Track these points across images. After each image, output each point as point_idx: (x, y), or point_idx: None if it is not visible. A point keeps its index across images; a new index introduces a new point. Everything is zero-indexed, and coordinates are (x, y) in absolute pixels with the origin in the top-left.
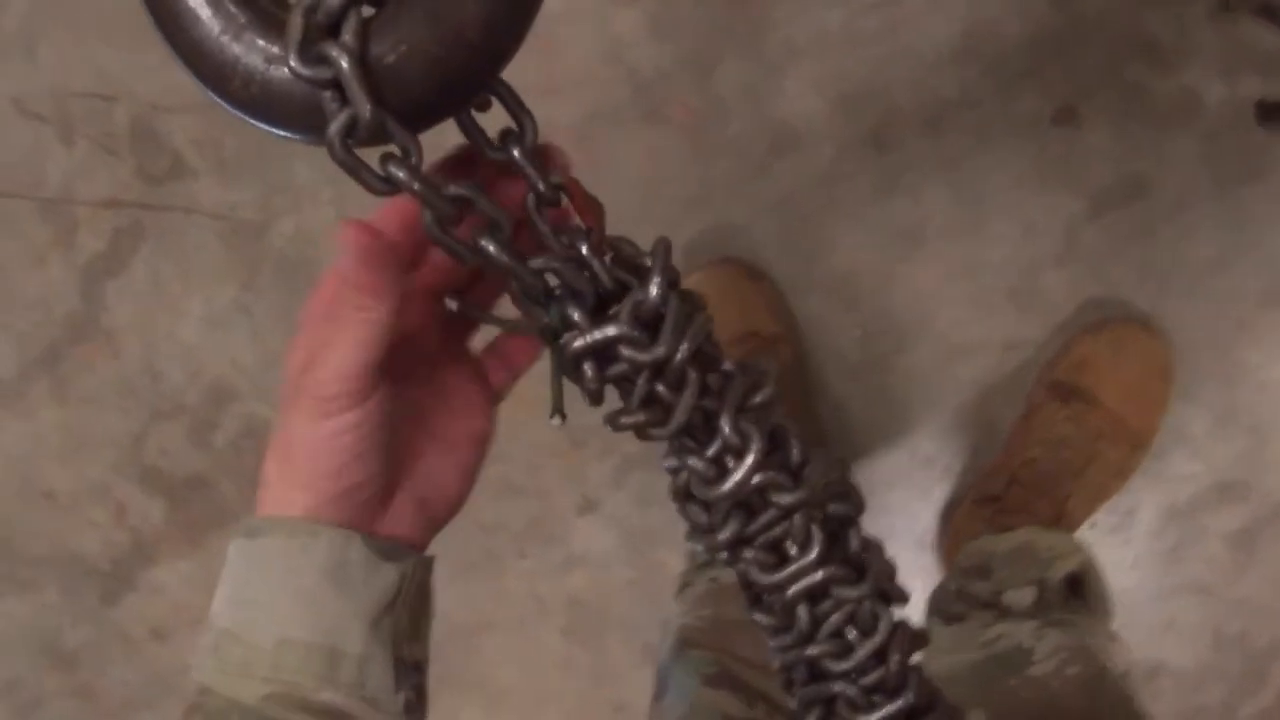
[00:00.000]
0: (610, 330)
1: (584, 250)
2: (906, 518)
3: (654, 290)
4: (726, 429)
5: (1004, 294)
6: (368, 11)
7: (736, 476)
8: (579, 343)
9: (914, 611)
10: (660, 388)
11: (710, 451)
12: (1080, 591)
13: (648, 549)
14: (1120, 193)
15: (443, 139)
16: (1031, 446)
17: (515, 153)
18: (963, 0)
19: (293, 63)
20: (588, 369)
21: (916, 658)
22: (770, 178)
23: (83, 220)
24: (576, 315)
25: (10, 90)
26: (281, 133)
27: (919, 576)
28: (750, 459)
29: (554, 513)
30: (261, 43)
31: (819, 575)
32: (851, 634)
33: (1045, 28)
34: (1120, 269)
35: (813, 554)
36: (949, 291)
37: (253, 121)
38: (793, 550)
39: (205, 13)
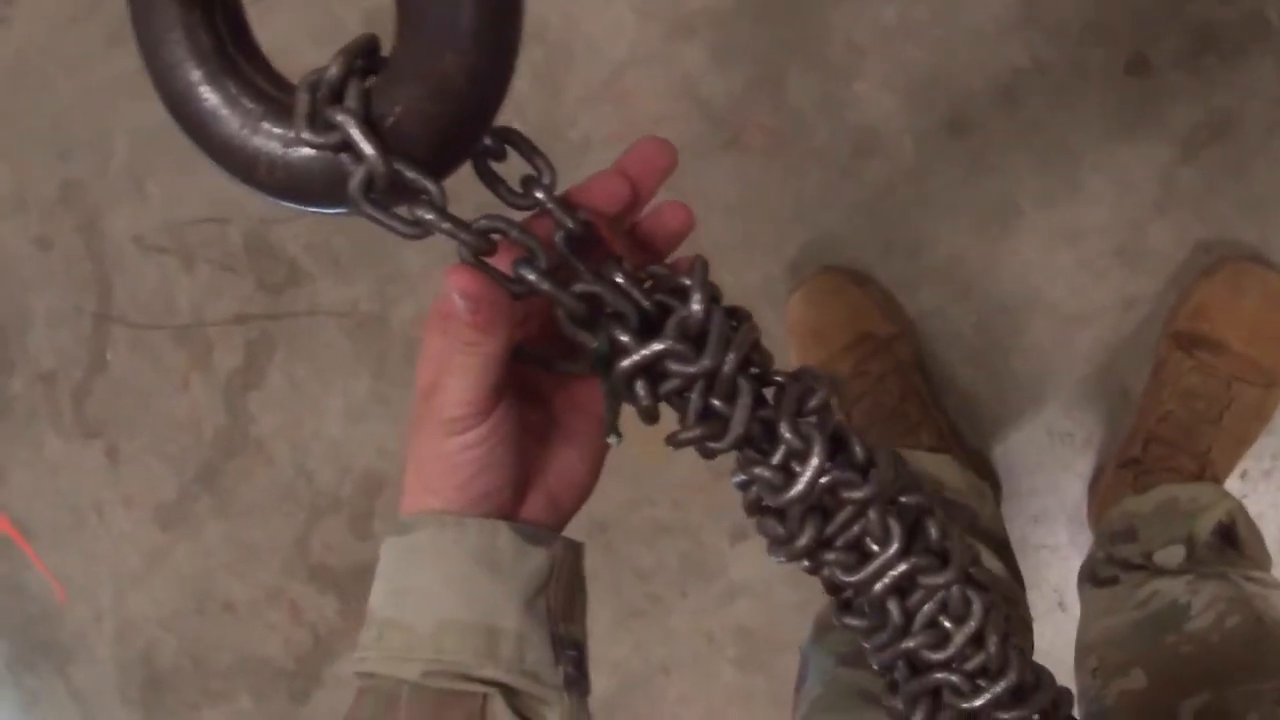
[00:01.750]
0: (656, 346)
1: (618, 277)
2: (1055, 496)
3: (695, 305)
4: (787, 433)
5: (1111, 254)
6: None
7: (805, 476)
8: (628, 361)
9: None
10: (714, 401)
11: (775, 459)
12: (1234, 540)
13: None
14: (1207, 130)
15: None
16: (1164, 402)
17: (539, 195)
18: None
19: (304, 134)
20: (639, 388)
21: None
22: (858, 181)
23: (216, 340)
24: (623, 337)
25: (129, 229)
26: (312, 209)
27: (1077, 553)
28: (815, 459)
29: (707, 546)
30: (277, 130)
31: (903, 567)
32: (945, 622)
33: None
34: (1222, 207)
35: (894, 547)
36: (1056, 261)
37: (285, 203)
38: (873, 547)
39: (223, 111)
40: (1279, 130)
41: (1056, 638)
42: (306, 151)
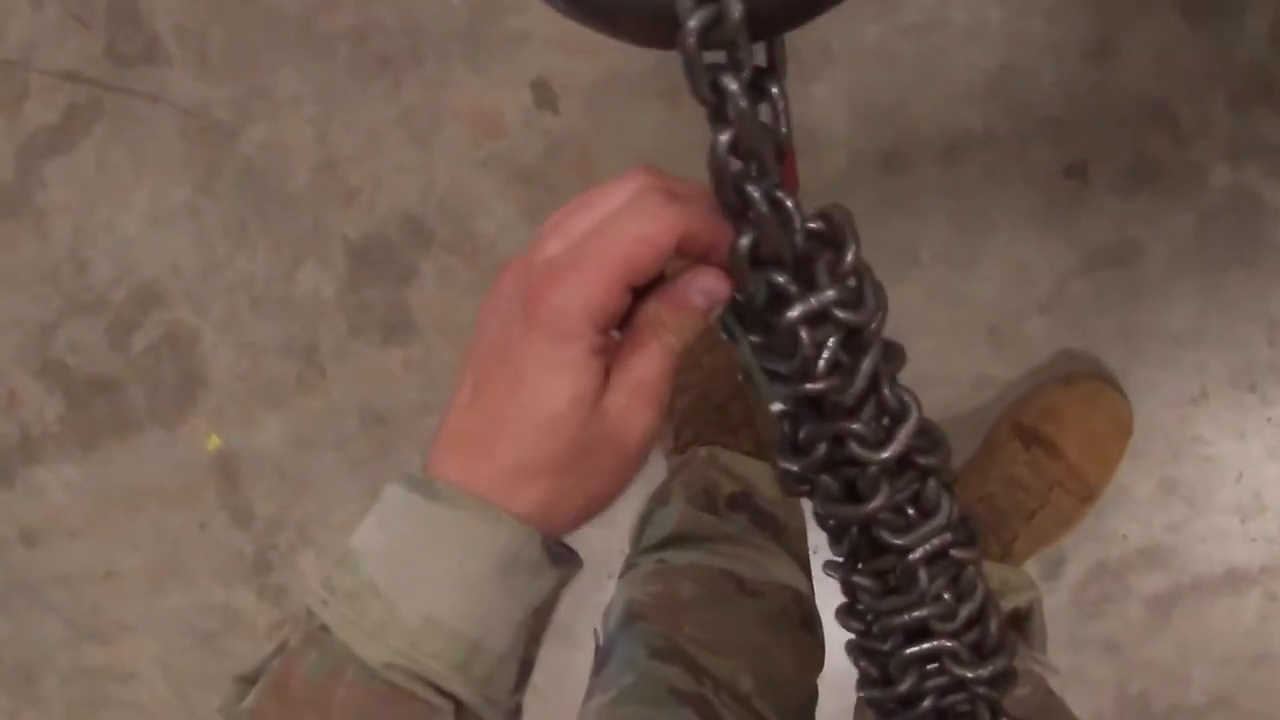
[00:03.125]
0: (830, 293)
1: (791, 202)
2: None
3: (850, 254)
4: (887, 393)
5: (985, 330)
6: None
7: (902, 436)
8: (800, 308)
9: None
10: (843, 354)
11: (868, 415)
12: (1023, 628)
13: None
14: (1114, 253)
15: None
16: (989, 483)
17: (774, 90)
18: (1003, 38)
19: None
20: (804, 335)
21: None
22: None
23: (35, 89)
24: (784, 280)
25: None
26: (608, 23)
27: None
28: (913, 419)
29: None
30: None
31: (948, 536)
32: (949, 597)
33: (1076, 82)
34: (1100, 327)
35: (942, 517)
36: (932, 318)
37: (583, 11)
38: (914, 514)
39: None
40: (1175, 277)
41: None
42: None
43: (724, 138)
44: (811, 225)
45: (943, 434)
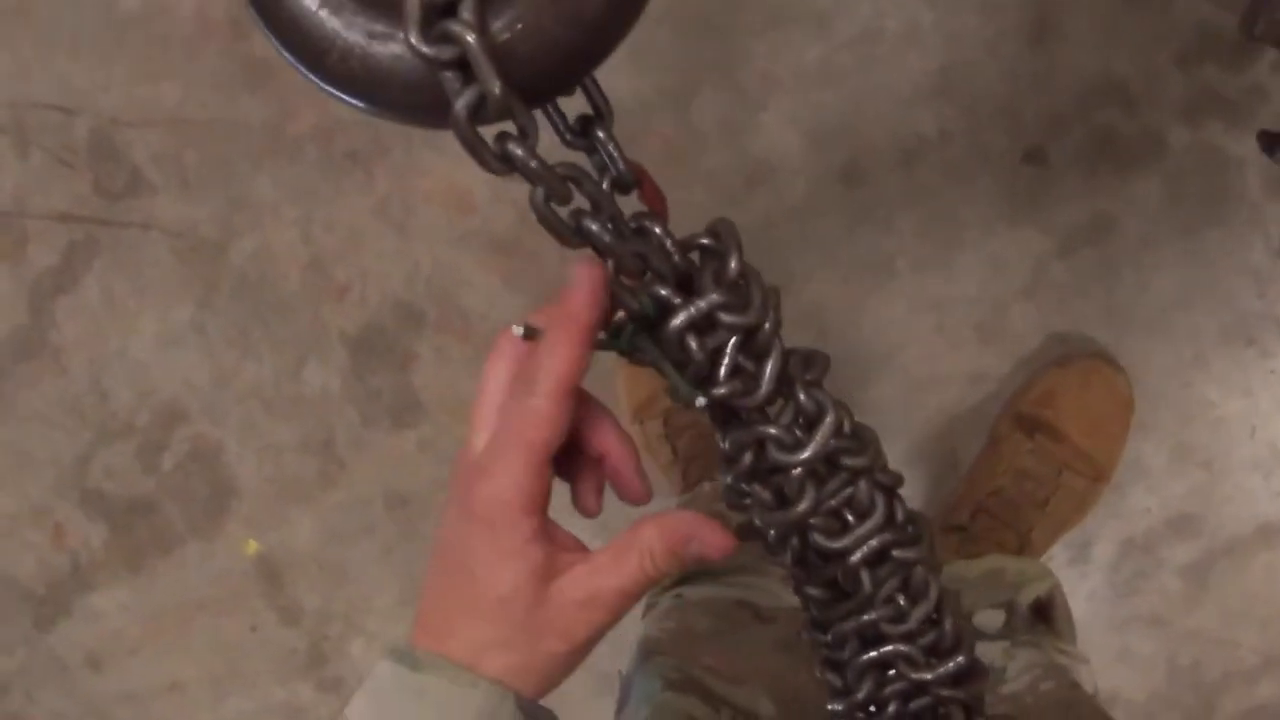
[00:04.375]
0: (713, 298)
1: (658, 229)
2: None
3: (733, 262)
4: (802, 397)
5: (971, 327)
6: None
7: (819, 438)
8: (684, 315)
9: None
10: (743, 359)
11: (786, 420)
12: (1047, 616)
13: None
14: (1087, 231)
15: None
16: (997, 477)
17: (600, 134)
18: (940, 39)
19: (413, 41)
20: (693, 343)
21: None
22: (743, 210)
23: (34, 234)
24: (666, 293)
25: None
26: (378, 110)
27: None
28: (829, 421)
29: None
30: (362, 19)
31: (887, 536)
32: (902, 600)
33: (1019, 69)
34: (1085, 305)
35: (878, 517)
36: (917, 324)
37: (347, 98)
38: (851, 518)
39: None
40: (1151, 245)
41: None
42: (395, 51)
43: (536, 193)
44: (703, 241)
45: (873, 435)
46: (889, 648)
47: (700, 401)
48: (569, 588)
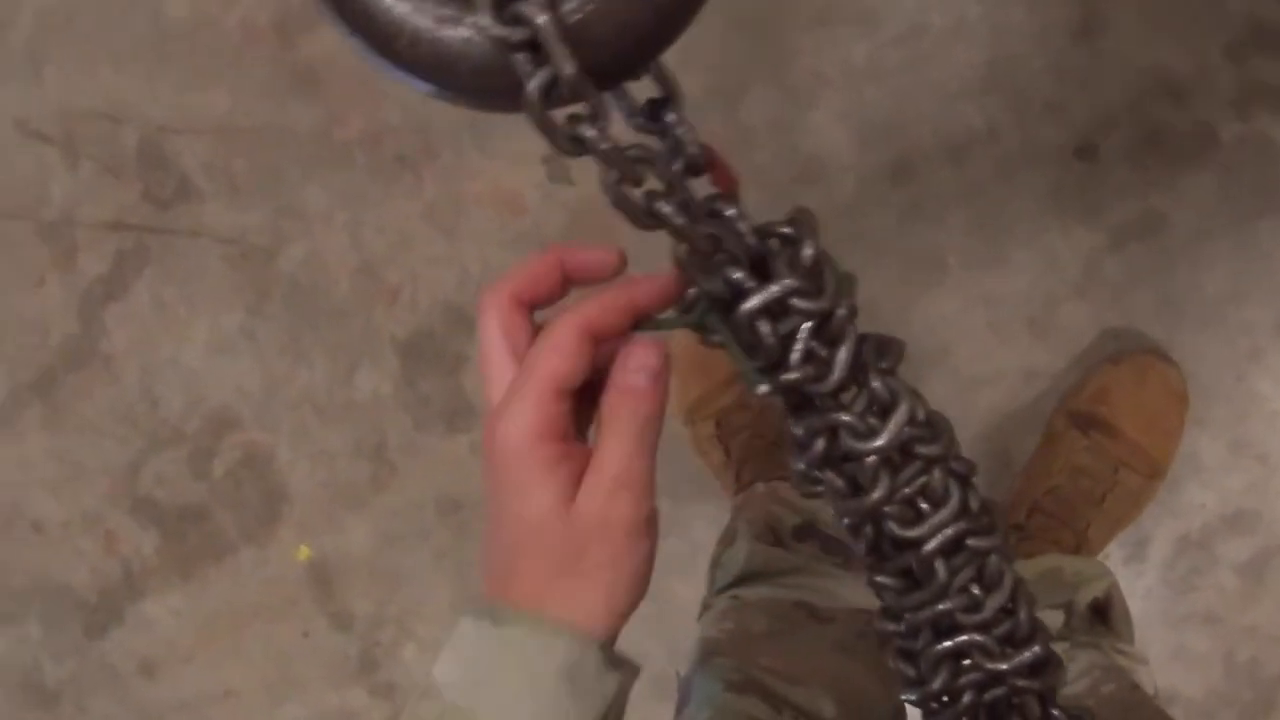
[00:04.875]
0: (787, 282)
1: (731, 211)
2: None
3: (808, 247)
4: (876, 384)
5: (1023, 324)
6: None
7: (893, 425)
8: (756, 299)
9: None
10: (816, 344)
11: (859, 407)
12: (1106, 616)
13: (658, 577)
14: (1139, 226)
15: None
16: (1053, 475)
17: (671, 116)
18: (987, 33)
19: (486, 23)
20: (764, 327)
21: None
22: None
23: (84, 243)
24: (740, 275)
25: (14, 111)
26: (449, 95)
27: None
28: (903, 408)
29: None
30: (430, 3)
31: (963, 525)
32: (977, 589)
33: (1067, 62)
34: (1138, 300)
35: (953, 505)
36: (969, 321)
37: (417, 82)
38: (926, 506)
39: None
40: (1204, 239)
41: None
42: (464, 34)
43: (609, 176)
44: (782, 230)
45: (947, 423)
46: (964, 637)
47: (764, 388)
48: (589, 491)
